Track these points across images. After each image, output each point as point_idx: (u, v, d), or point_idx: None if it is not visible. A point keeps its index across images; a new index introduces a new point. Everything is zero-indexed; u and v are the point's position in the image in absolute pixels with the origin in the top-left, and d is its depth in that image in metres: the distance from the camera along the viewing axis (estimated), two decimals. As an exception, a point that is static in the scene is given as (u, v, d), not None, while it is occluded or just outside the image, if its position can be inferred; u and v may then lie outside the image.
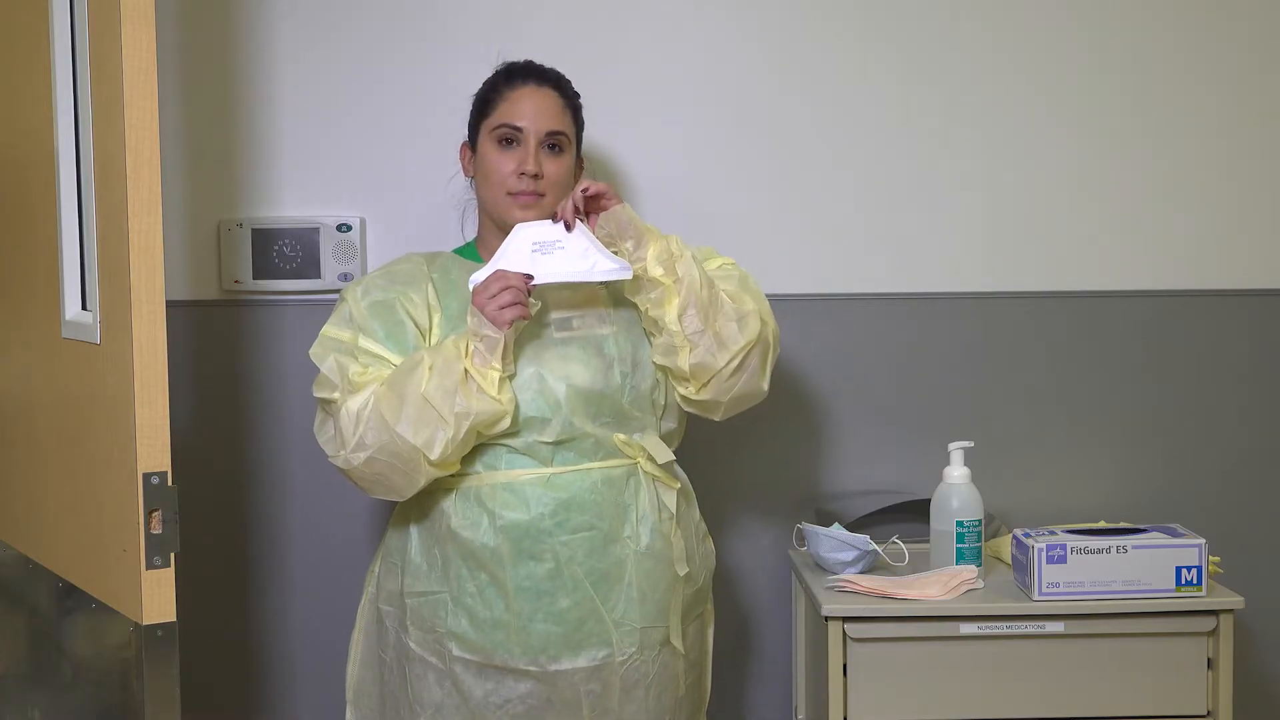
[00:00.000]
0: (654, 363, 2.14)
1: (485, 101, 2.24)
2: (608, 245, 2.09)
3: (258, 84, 2.55)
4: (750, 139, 2.60)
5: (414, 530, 2.17)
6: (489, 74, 2.28)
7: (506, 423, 2.05)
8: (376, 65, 2.56)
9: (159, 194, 1.77)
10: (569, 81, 2.25)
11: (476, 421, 2.02)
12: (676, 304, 2.07)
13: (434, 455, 2.02)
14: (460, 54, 2.54)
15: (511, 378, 2.06)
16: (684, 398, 2.16)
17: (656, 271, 2.07)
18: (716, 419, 2.19)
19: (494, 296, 2.01)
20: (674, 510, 2.16)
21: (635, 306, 2.15)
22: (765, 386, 2.16)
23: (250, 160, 2.56)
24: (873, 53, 2.60)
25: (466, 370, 2.01)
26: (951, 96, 2.60)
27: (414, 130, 2.56)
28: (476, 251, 2.27)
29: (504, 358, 2.03)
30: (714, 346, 2.08)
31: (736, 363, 2.10)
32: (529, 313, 2.04)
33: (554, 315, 2.14)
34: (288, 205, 2.57)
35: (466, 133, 2.28)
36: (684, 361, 2.09)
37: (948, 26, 2.60)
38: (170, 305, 1.84)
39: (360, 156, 2.56)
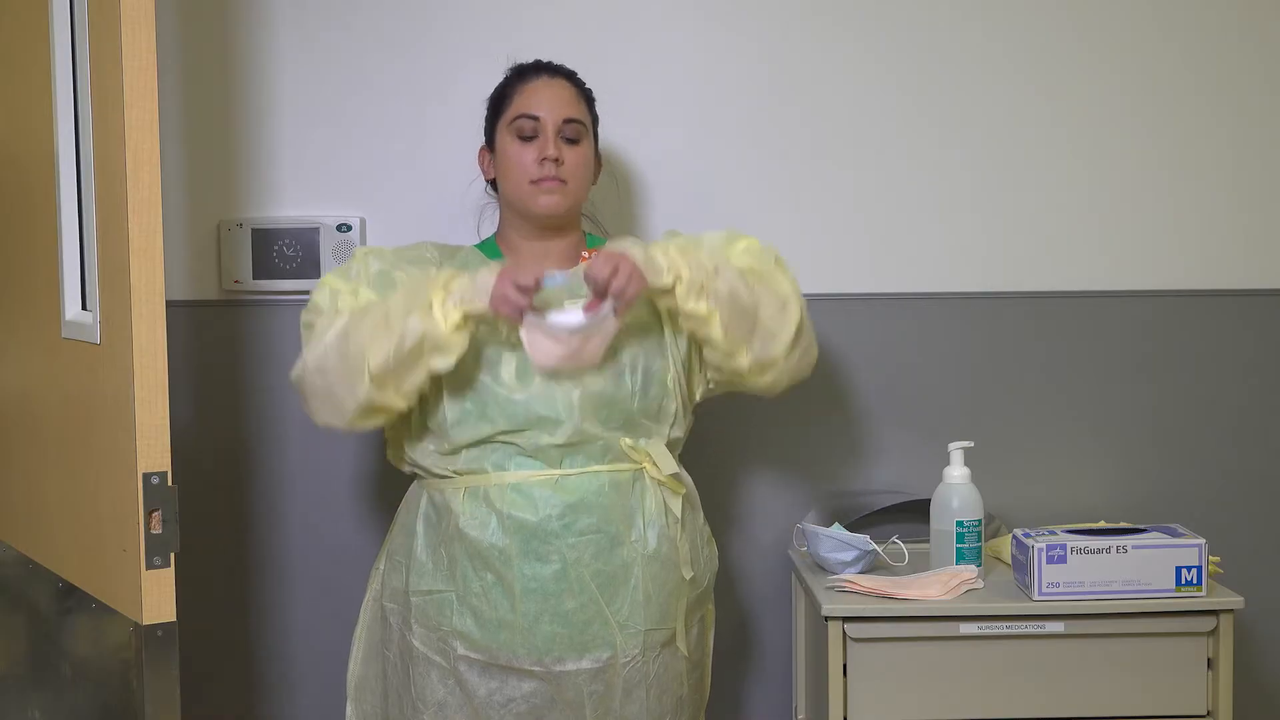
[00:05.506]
0: (713, 366, 2.16)
1: (500, 100, 2.25)
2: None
3: (258, 84, 2.55)
4: (752, 139, 2.59)
5: (420, 529, 2.17)
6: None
7: (450, 362, 2.03)
8: (377, 65, 2.55)
9: (159, 194, 1.77)
10: (580, 78, 2.27)
11: (421, 342, 2.01)
12: (719, 321, 2.09)
13: (373, 363, 2.02)
14: (461, 54, 2.54)
15: (474, 328, 2.05)
16: (741, 379, 2.18)
17: (692, 305, 2.08)
18: (776, 395, 2.23)
19: (512, 287, 2.01)
20: (680, 515, 2.16)
21: (654, 317, 2.17)
22: (816, 350, 2.23)
23: (250, 160, 2.56)
24: (875, 53, 2.60)
25: (433, 301, 2.02)
26: (952, 97, 2.60)
27: (414, 130, 2.56)
28: (497, 247, 2.28)
29: (474, 315, 2.03)
30: (768, 340, 2.13)
31: (790, 346, 2.15)
32: (515, 317, 2.03)
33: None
34: (288, 205, 2.57)
35: (483, 137, 2.28)
36: (744, 362, 2.13)
37: (949, 27, 2.60)
38: (170, 305, 1.84)
39: (360, 156, 2.56)
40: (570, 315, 2.05)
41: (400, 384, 2.05)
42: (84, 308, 1.97)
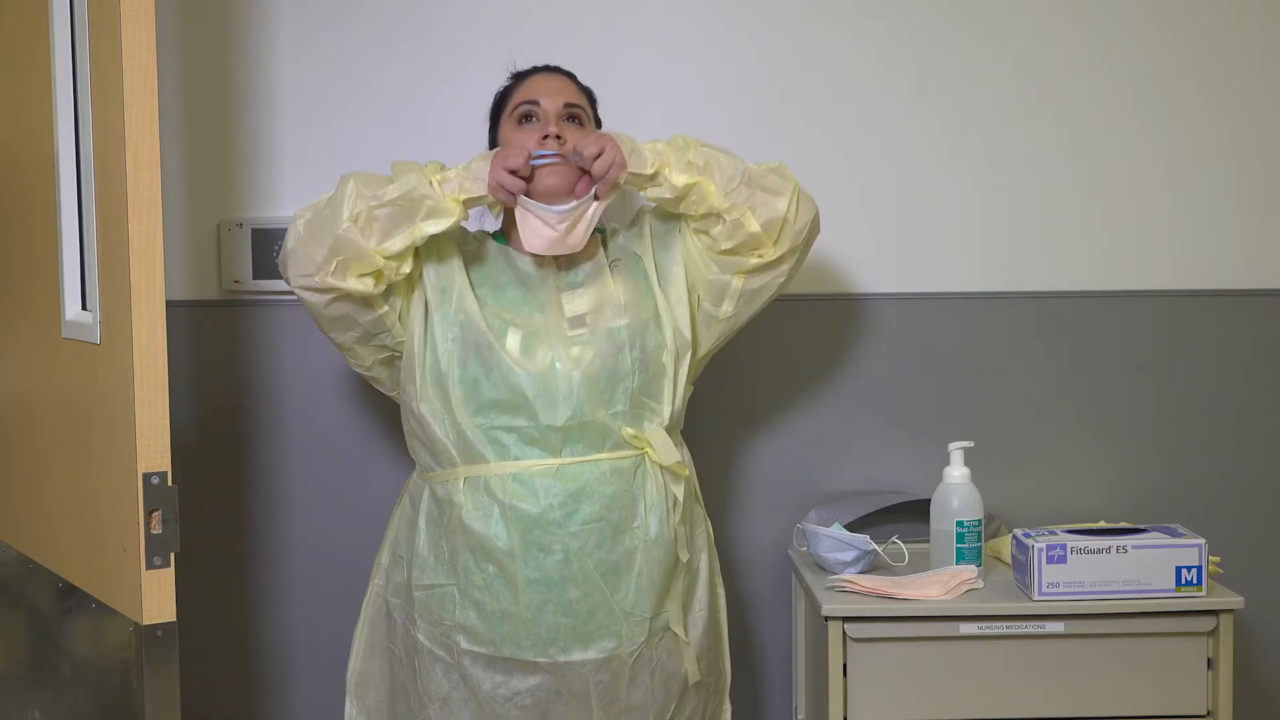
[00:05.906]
0: (721, 251, 2.17)
1: (501, 102, 2.28)
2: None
3: (258, 84, 2.55)
4: (750, 139, 2.58)
5: (422, 523, 2.17)
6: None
7: (442, 225, 2.08)
8: (377, 65, 2.56)
9: (159, 194, 1.77)
10: (580, 80, 2.29)
11: (421, 197, 2.05)
12: (715, 187, 2.13)
13: (363, 200, 2.04)
14: (461, 54, 2.54)
15: (467, 203, 2.11)
16: (761, 268, 2.18)
17: (683, 179, 2.13)
18: (787, 274, 2.22)
19: (505, 174, 2.09)
20: (681, 498, 2.16)
21: (647, 298, 2.18)
22: (817, 207, 2.23)
23: (250, 160, 2.56)
24: (874, 52, 2.60)
25: (432, 180, 2.08)
26: (952, 96, 2.61)
27: (413, 130, 2.56)
28: (504, 239, 2.28)
29: (471, 200, 2.11)
30: (769, 198, 2.15)
31: (795, 201, 2.17)
32: (510, 200, 2.12)
33: (570, 314, 2.15)
34: (288, 205, 2.57)
35: (485, 143, 2.29)
36: (754, 225, 2.15)
37: (949, 27, 2.60)
38: (170, 305, 1.84)
39: (360, 157, 2.55)
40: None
41: (385, 233, 2.07)
42: (84, 308, 1.97)
